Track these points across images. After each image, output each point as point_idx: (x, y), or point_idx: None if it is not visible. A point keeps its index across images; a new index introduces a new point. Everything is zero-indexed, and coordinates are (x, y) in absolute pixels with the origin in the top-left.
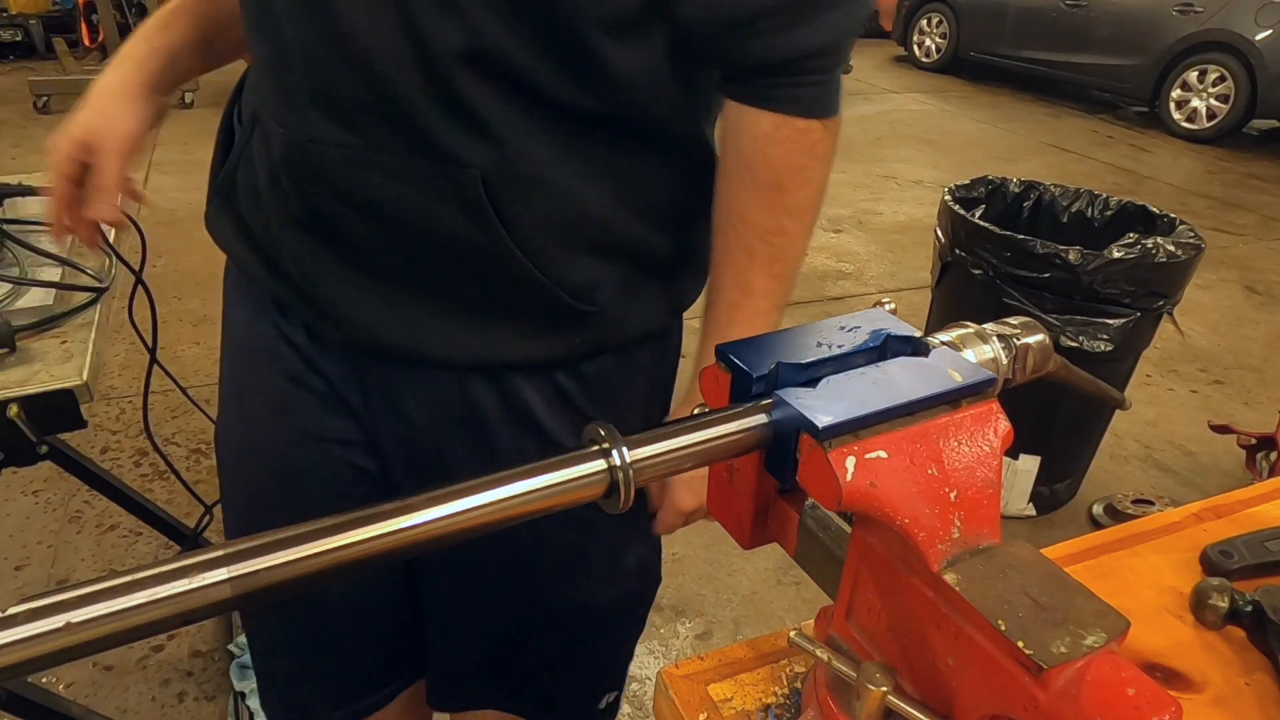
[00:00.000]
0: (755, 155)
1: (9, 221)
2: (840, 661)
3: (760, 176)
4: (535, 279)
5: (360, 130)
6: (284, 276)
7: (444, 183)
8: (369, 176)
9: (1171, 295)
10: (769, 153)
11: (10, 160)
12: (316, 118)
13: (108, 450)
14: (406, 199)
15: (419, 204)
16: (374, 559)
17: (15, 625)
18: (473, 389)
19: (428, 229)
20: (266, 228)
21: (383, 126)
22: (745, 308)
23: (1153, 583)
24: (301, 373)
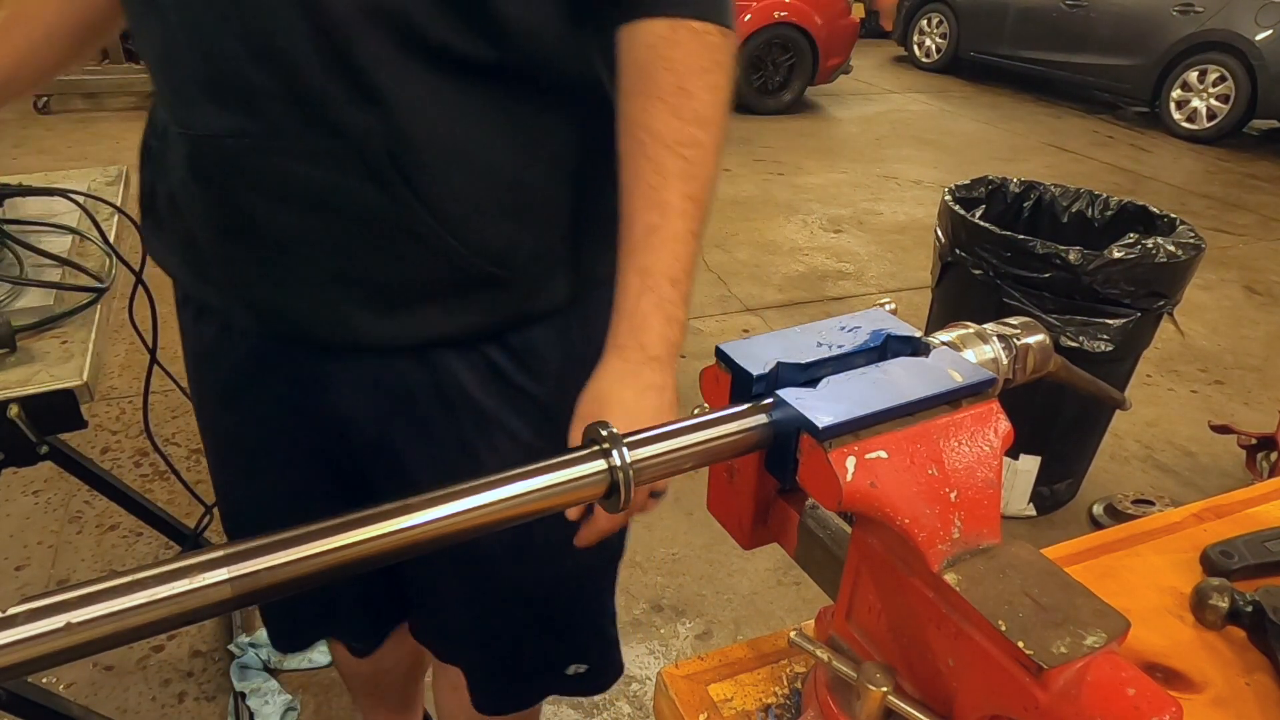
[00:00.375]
0: (655, 63)
1: (9, 221)
2: (840, 662)
3: (664, 83)
4: (450, 247)
5: (259, 115)
6: (212, 282)
7: (350, 157)
8: (274, 163)
9: (1172, 295)
10: (669, 56)
11: (10, 160)
12: (213, 110)
13: (108, 450)
14: (315, 180)
15: (328, 183)
16: (374, 559)
17: (15, 625)
18: (404, 371)
19: (341, 208)
20: (189, 235)
21: (282, 108)
22: (663, 230)
23: (1153, 583)
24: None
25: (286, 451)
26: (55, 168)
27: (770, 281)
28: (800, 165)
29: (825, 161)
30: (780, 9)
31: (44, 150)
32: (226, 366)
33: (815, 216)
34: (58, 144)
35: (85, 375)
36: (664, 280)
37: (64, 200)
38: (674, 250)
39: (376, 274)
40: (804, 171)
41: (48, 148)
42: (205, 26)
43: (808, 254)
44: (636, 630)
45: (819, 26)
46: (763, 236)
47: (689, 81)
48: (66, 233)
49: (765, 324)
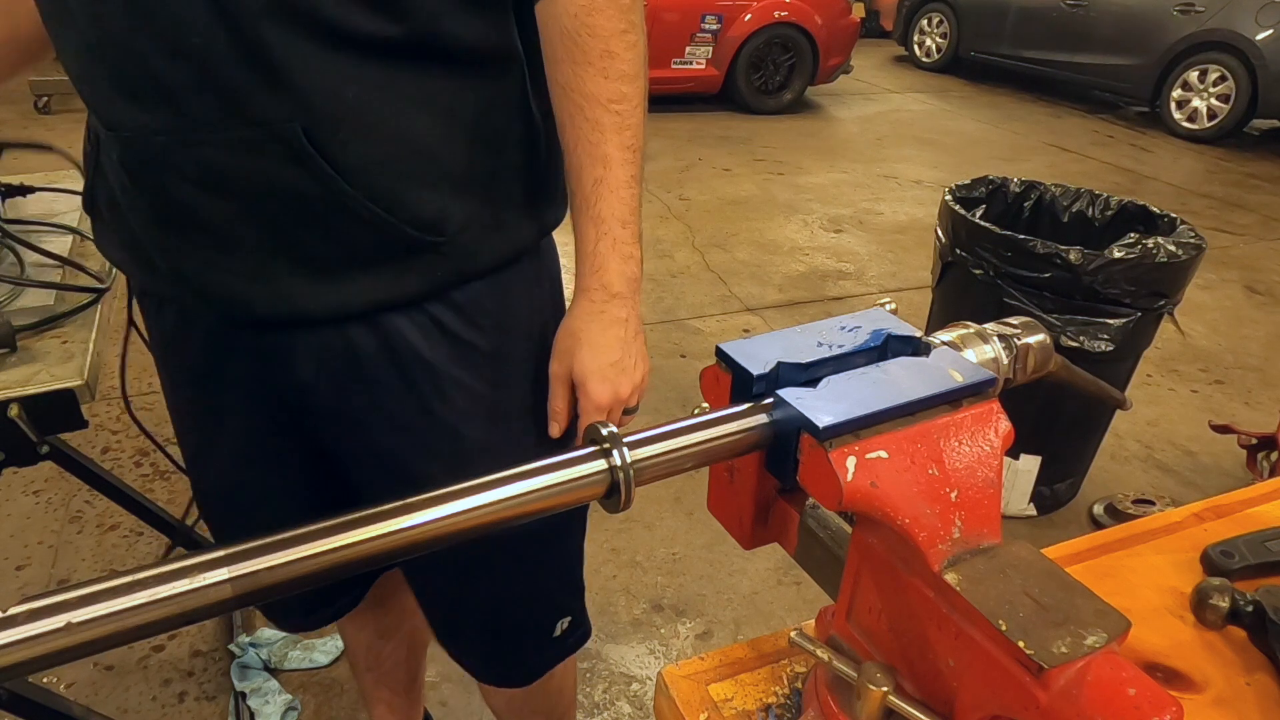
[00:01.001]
0: (581, 29)
1: (10, 221)
2: (841, 662)
3: (590, 48)
4: (380, 219)
5: (180, 110)
6: (160, 274)
7: (271, 143)
8: (201, 154)
9: (1172, 295)
10: (593, 22)
11: (11, 160)
12: (136, 109)
13: (108, 450)
14: (242, 167)
15: (255, 169)
16: (374, 559)
17: (16, 625)
18: (354, 337)
19: (269, 191)
20: (131, 231)
21: (200, 100)
22: (607, 180)
23: (1153, 583)
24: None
25: (254, 428)
26: (55, 167)
27: (770, 281)
28: (800, 165)
29: (825, 161)
30: (780, 9)
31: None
32: (190, 351)
33: (815, 216)
34: (57, 144)
35: (85, 375)
36: (615, 224)
37: (64, 199)
38: (620, 196)
39: (314, 250)
40: (804, 171)
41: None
42: (118, 31)
43: (808, 254)
44: (637, 630)
45: (819, 26)
46: (763, 236)
47: (612, 44)
48: (67, 233)
49: (765, 324)
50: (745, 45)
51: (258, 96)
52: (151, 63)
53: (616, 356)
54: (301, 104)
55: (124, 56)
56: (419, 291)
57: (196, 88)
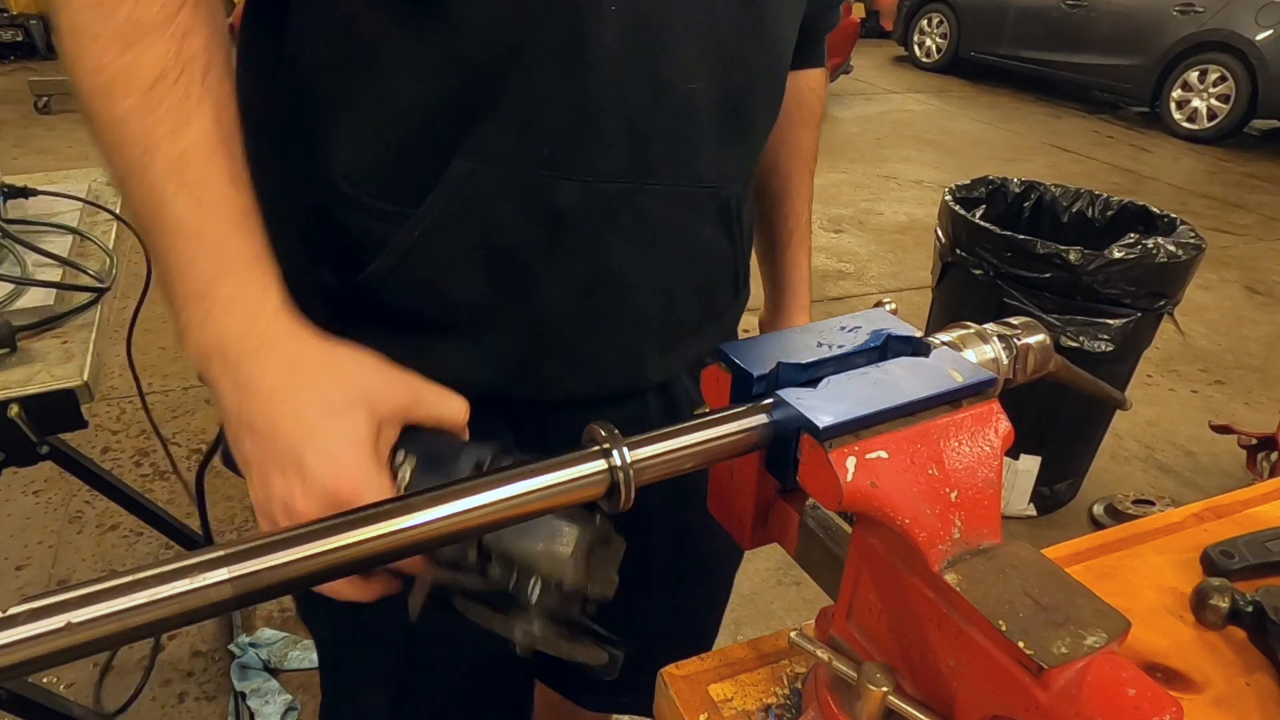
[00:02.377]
0: (815, 102)
1: (11, 221)
2: (841, 662)
3: (818, 116)
4: (742, 277)
5: (644, 160)
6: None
7: (709, 200)
8: (643, 205)
9: (1172, 295)
10: (822, 96)
11: (11, 160)
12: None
13: (108, 450)
14: (675, 224)
15: (683, 226)
16: (374, 559)
17: (16, 625)
18: (649, 403)
19: (692, 251)
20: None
21: (667, 153)
22: (809, 219)
23: (1153, 583)
24: None
25: None
26: (55, 167)
27: None
28: None
29: (825, 161)
30: None
31: (44, 150)
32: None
33: (815, 216)
34: (58, 144)
35: (86, 375)
36: (811, 253)
37: (65, 200)
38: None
39: (687, 314)
40: None
41: (48, 148)
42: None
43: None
44: None
45: None
46: None
47: (822, 112)
48: (67, 233)
49: None
50: None
51: (712, 153)
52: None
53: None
54: (742, 164)
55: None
56: (712, 346)
57: (671, 139)
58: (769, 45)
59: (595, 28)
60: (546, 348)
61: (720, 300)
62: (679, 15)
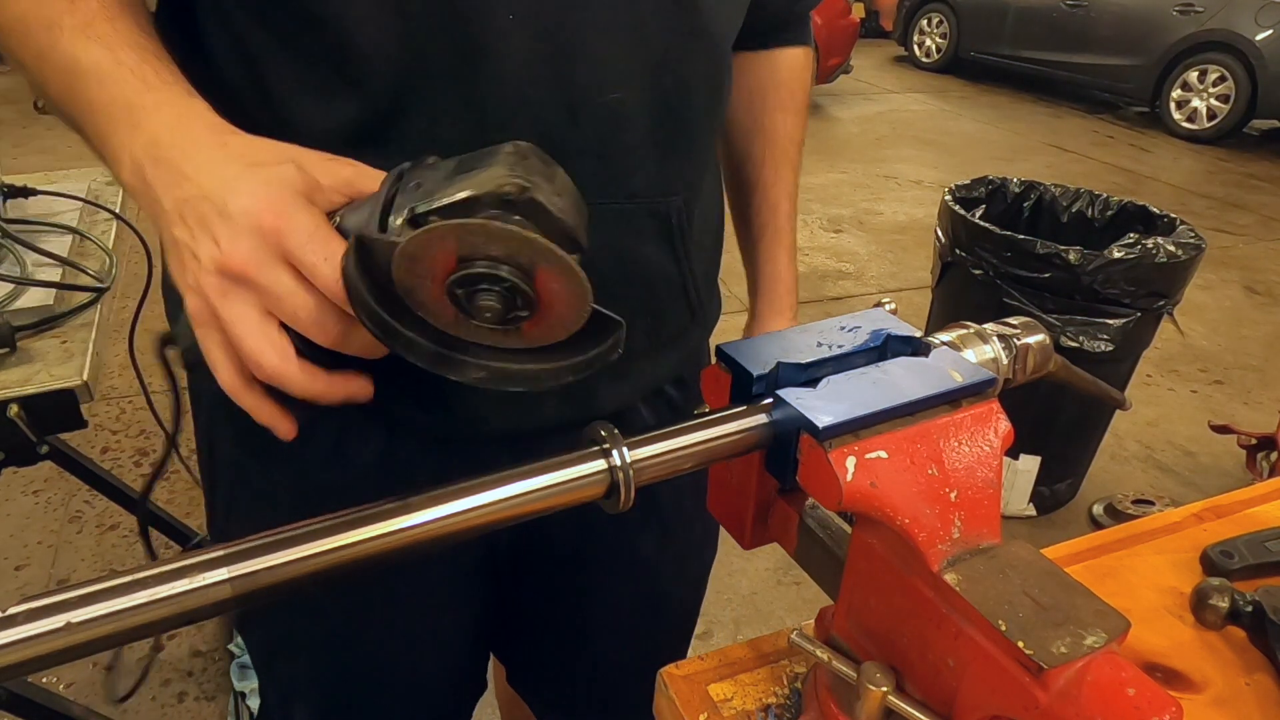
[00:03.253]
0: (795, 84)
1: (10, 221)
2: (841, 662)
3: (799, 100)
4: (693, 297)
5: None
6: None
7: (646, 217)
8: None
9: (1172, 295)
10: (804, 79)
11: (11, 160)
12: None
13: (108, 450)
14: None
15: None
16: (374, 559)
17: (16, 625)
18: None
19: (627, 273)
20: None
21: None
22: (791, 214)
23: (1153, 583)
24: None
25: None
26: (55, 167)
27: None
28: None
29: (825, 161)
30: None
31: (44, 150)
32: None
33: (815, 216)
34: (57, 144)
35: (85, 375)
36: (794, 251)
37: (65, 200)
38: (794, 226)
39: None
40: (804, 171)
41: (48, 147)
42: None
43: (808, 254)
44: None
45: (819, 26)
46: None
47: (807, 97)
48: (67, 232)
49: None
50: None
51: (648, 166)
52: (545, 117)
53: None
54: (685, 174)
55: (514, 106)
56: (675, 372)
57: (596, 155)
58: (706, 45)
59: (492, 41)
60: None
61: (672, 324)
62: (594, 20)
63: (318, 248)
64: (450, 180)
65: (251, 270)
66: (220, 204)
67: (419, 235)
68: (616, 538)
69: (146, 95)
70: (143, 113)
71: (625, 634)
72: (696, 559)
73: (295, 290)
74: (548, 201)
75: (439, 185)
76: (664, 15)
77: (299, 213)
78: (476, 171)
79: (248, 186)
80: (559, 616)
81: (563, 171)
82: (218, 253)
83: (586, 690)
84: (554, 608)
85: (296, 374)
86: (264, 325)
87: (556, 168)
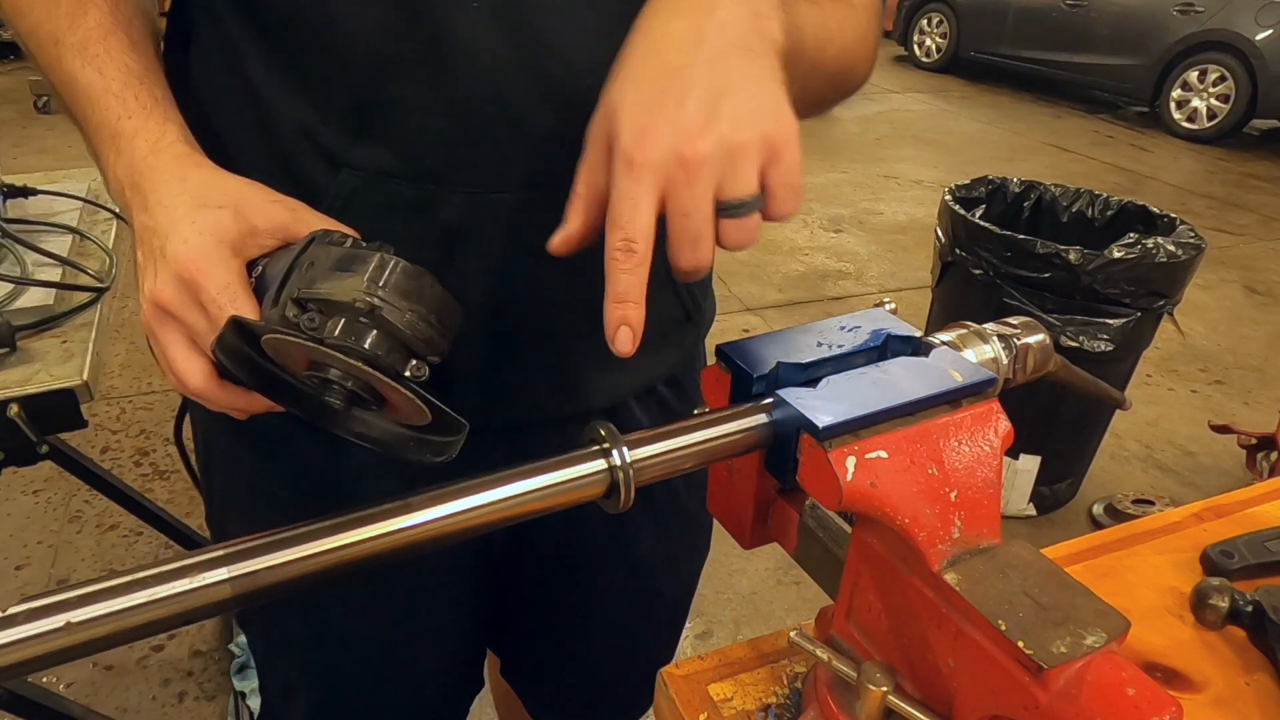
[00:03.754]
0: None
1: (10, 221)
2: (841, 661)
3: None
4: (687, 290)
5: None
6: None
7: None
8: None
9: (1172, 295)
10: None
11: (11, 160)
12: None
13: (108, 450)
14: None
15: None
16: (375, 559)
17: (16, 625)
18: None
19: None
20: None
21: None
22: None
23: (1153, 583)
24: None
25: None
26: (55, 167)
27: (770, 281)
28: None
29: (825, 161)
30: None
31: (44, 150)
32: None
33: (815, 216)
34: (58, 144)
35: (85, 375)
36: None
37: (65, 199)
38: None
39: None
40: (804, 171)
41: (48, 147)
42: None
43: (808, 254)
44: None
45: None
46: (762, 236)
47: None
48: (67, 232)
49: (765, 324)
50: None
51: None
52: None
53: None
54: None
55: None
56: (665, 371)
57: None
58: None
59: (460, 28)
60: (453, 374)
61: (662, 316)
62: (560, 6)
63: (225, 304)
64: (329, 275)
65: (175, 309)
66: (162, 243)
67: (276, 338)
68: (609, 535)
69: (126, 123)
70: (123, 139)
71: (615, 631)
72: (689, 557)
73: (208, 330)
74: (396, 320)
75: (321, 275)
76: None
77: (217, 267)
78: (348, 275)
79: (184, 233)
80: (551, 612)
81: (431, 280)
82: (155, 287)
83: (576, 685)
84: (547, 603)
85: (216, 393)
86: (187, 352)
87: (424, 278)
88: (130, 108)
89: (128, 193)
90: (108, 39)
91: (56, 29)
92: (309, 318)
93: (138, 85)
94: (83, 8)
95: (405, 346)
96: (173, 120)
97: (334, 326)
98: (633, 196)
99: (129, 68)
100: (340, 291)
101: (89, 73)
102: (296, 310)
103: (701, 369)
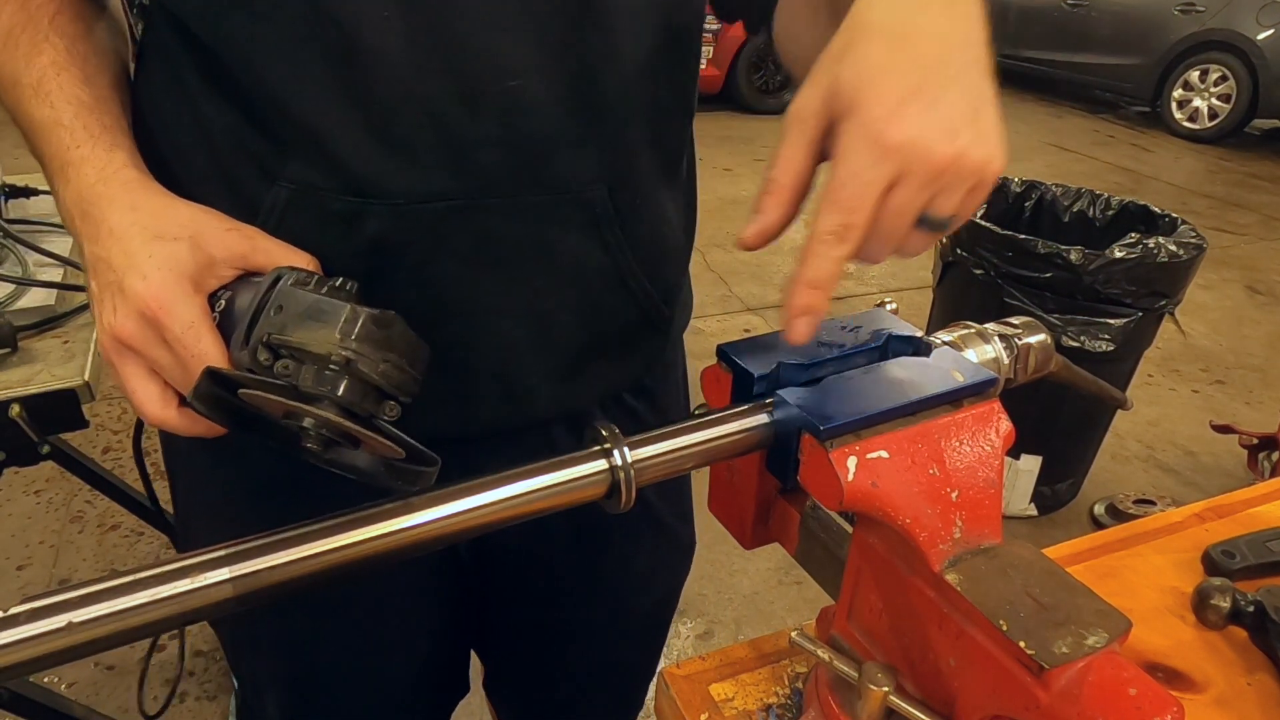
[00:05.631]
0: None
1: (12, 221)
2: (842, 662)
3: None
4: (645, 291)
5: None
6: None
7: (566, 207)
8: (482, 223)
9: (1173, 295)
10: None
11: (12, 160)
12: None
13: (109, 450)
14: (528, 240)
15: (540, 240)
16: (375, 558)
17: (17, 625)
18: (555, 438)
19: (551, 267)
20: None
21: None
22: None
23: (1154, 583)
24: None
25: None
26: None
27: (772, 281)
28: None
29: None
30: None
31: None
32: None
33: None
34: None
35: (87, 375)
36: None
37: None
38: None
39: (570, 338)
40: None
41: None
42: (430, 76)
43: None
44: None
45: None
46: None
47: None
48: (68, 232)
49: (767, 324)
50: (746, 45)
51: (563, 154)
52: (441, 110)
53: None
54: (608, 161)
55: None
56: (635, 376)
57: (504, 145)
58: (605, 25)
59: (369, 38)
60: None
61: (618, 322)
62: (474, 8)
63: (190, 343)
64: (300, 323)
65: (136, 344)
66: (119, 277)
67: (253, 392)
68: (569, 539)
69: (74, 152)
70: (71, 168)
71: (586, 644)
72: (665, 574)
73: (173, 365)
74: (370, 370)
75: (292, 321)
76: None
77: (179, 305)
78: (319, 326)
79: (141, 268)
80: (524, 619)
81: (400, 325)
82: (115, 321)
83: (551, 699)
84: (520, 606)
85: (175, 420)
86: (147, 382)
87: (394, 325)
88: (79, 137)
89: (78, 222)
90: (60, 75)
91: (15, 70)
92: (282, 364)
93: (88, 115)
94: (38, 48)
95: (378, 390)
96: (120, 146)
97: (308, 375)
98: (869, 181)
99: (80, 100)
100: (314, 343)
101: (43, 109)
102: (268, 354)
103: (678, 378)
